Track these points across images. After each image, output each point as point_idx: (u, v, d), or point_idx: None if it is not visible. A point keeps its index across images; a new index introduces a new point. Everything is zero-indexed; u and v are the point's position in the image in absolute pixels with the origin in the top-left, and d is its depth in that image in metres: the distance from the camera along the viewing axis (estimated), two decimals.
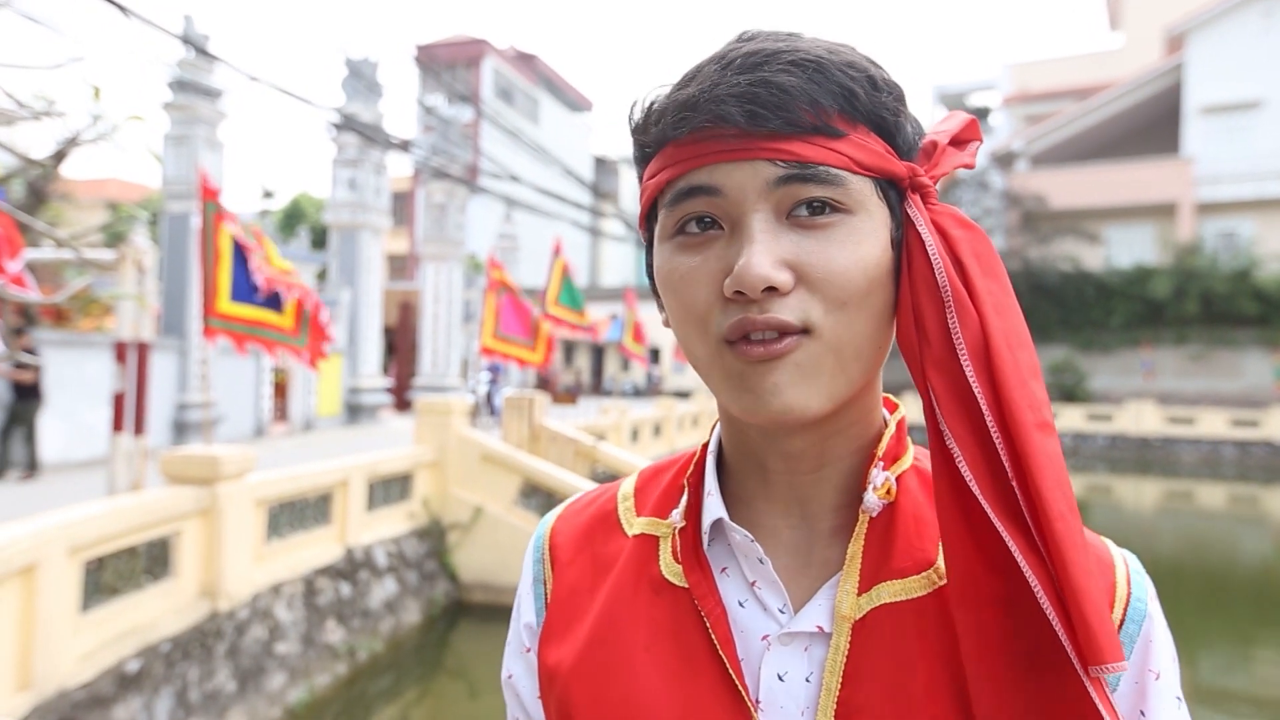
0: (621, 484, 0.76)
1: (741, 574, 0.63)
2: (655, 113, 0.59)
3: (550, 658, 0.67)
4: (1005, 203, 27.41)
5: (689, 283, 0.58)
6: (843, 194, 0.55)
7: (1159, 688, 0.57)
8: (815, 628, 0.59)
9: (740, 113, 0.54)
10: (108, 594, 4.72)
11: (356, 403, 17.51)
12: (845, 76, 0.55)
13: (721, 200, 0.56)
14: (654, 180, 0.60)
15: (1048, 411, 0.54)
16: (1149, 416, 23.55)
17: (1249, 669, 7.79)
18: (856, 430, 0.63)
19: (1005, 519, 0.52)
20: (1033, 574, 0.51)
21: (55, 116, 3.47)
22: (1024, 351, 0.55)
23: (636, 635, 0.64)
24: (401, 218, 32.84)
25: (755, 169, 0.55)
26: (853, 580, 0.60)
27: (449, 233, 19.73)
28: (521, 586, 0.74)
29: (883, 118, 0.57)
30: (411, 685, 6.78)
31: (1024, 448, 0.51)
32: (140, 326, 6.40)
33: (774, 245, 0.55)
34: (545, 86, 39.31)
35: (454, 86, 27.39)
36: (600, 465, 9.54)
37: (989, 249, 0.57)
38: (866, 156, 0.56)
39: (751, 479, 0.65)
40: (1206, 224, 26.82)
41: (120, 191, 31.82)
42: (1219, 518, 16.36)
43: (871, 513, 0.61)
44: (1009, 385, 0.53)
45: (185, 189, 12.93)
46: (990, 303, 0.55)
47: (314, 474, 6.71)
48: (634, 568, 0.67)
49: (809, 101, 0.54)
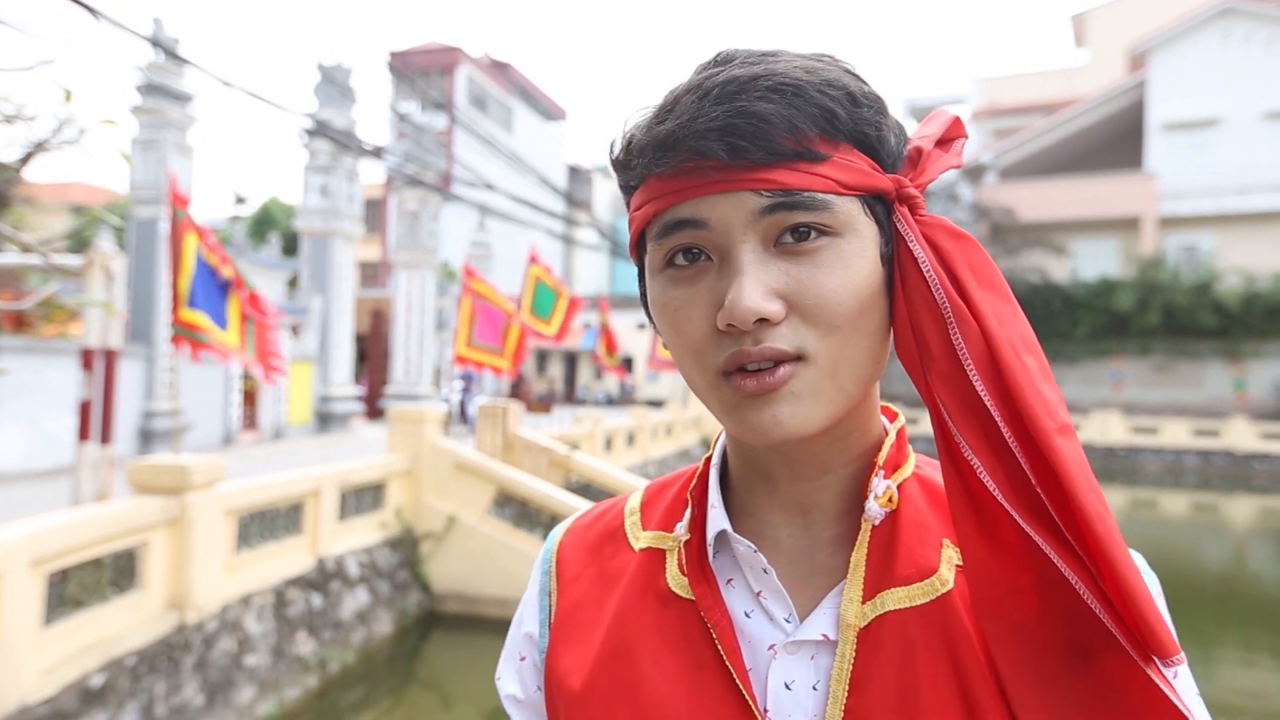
0: (629, 499, 0.77)
1: (747, 584, 0.64)
2: (635, 148, 0.59)
3: (559, 670, 0.67)
4: (974, 215, 27.81)
5: (682, 317, 0.58)
6: (829, 217, 0.55)
7: (1180, 685, 0.57)
8: (820, 636, 0.60)
9: (721, 146, 0.54)
10: (72, 607, 4.62)
11: (327, 411, 17.32)
12: (825, 97, 0.55)
13: (708, 233, 0.56)
14: (639, 213, 0.60)
15: (1064, 413, 0.53)
16: (1114, 426, 23.98)
17: (1210, 673, 7.95)
18: (856, 438, 0.64)
19: (1035, 525, 0.52)
20: (1071, 571, 0.51)
21: (24, 120, 3.41)
22: (1032, 356, 0.55)
23: (645, 648, 0.64)
24: (374, 225, 32.59)
25: (740, 200, 0.55)
26: (856, 588, 0.60)
27: (422, 240, 19.62)
28: (526, 596, 0.75)
29: (865, 133, 0.57)
30: (383, 697, 6.71)
31: (1050, 455, 0.51)
32: (107, 333, 6.30)
33: (763, 275, 0.55)
34: (519, 95, 39.29)
35: (428, 93, 27.27)
36: (574, 474, 9.52)
37: (983, 258, 0.57)
38: (850, 176, 0.56)
39: (756, 489, 0.66)
40: (1169, 238, 27.42)
41: (86, 195, 31.28)
42: (1182, 525, 16.68)
43: (874, 521, 0.62)
44: (1024, 394, 0.52)
45: (154, 194, 12.75)
46: (991, 313, 0.55)
47: (285, 483, 6.63)
48: (641, 581, 0.68)
49: (789, 128, 0.54)
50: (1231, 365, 24.96)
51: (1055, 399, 0.54)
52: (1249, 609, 10.61)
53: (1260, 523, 16.99)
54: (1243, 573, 13.00)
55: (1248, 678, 8.13)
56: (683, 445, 18.25)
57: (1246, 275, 24.81)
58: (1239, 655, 8.74)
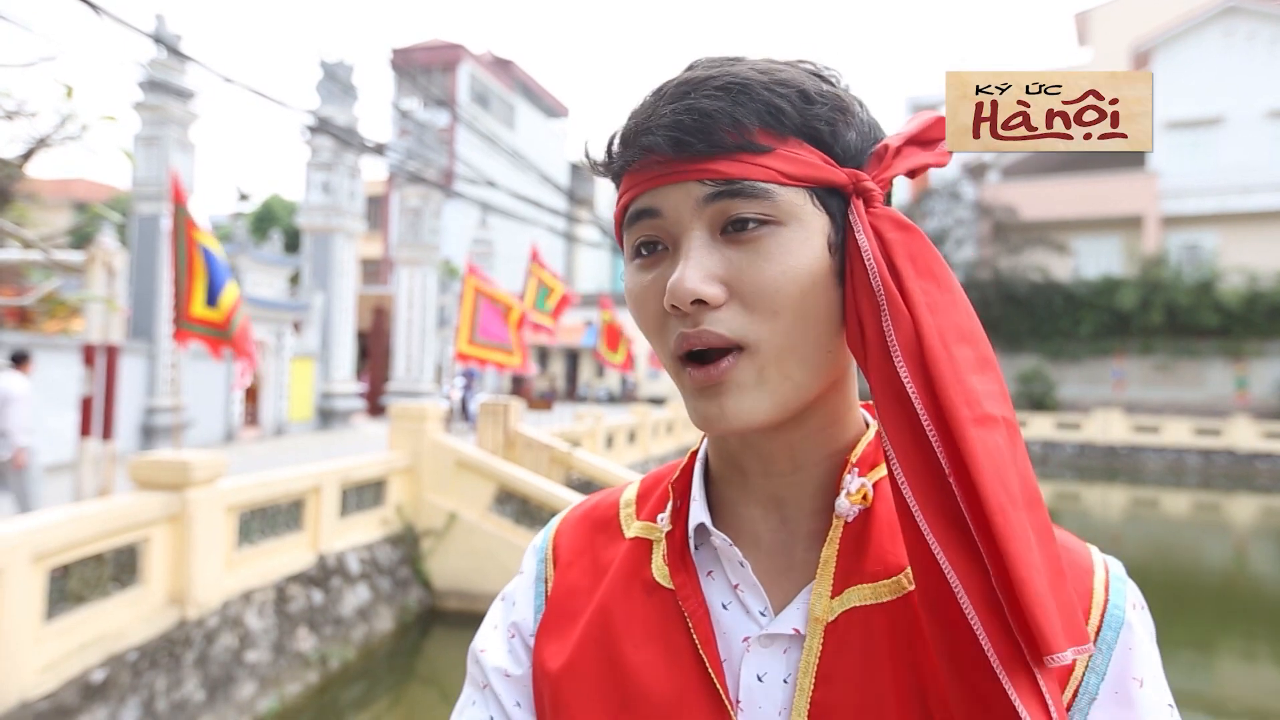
0: (625, 490, 0.79)
1: (725, 577, 0.65)
2: (611, 147, 0.64)
3: (545, 654, 0.69)
4: (977, 213, 27.79)
5: (643, 300, 0.62)
6: (771, 207, 0.57)
7: (1145, 695, 0.57)
8: (793, 630, 0.61)
9: (666, 141, 0.57)
10: (73, 602, 4.63)
11: (329, 408, 17.34)
12: (771, 94, 0.57)
13: (662, 221, 0.60)
14: (617, 206, 0.65)
15: (993, 404, 0.53)
16: (1116, 425, 23.97)
17: (1211, 672, 7.95)
18: (830, 433, 0.65)
19: (936, 518, 0.52)
20: (953, 571, 0.51)
21: (26, 116, 3.42)
22: (963, 347, 0.55)
23: (628, 635, 0.66)
24: (376, 222, 32.61)
25: (686, 190, 0.58)
26: (826, 583, 0.61)
27: (424, 237, 19.62)
28: (521, 581, 0.76)
29: (816, 129, 0.58)
30: (383, 693, 6.72)
31: (961, 444, 0.51)
32: (109, 329, 6.31)
33: (706, 260, 0.58)
34: (522, 92, 39.27)
35: (430, 91, 27.27)
36: (575, 472, 9.53)
37: (925, 249, 0.58)
38: (796, 168, 0.57)
39: (733, 483, 0.67)
40: (1171, 236, 27.40)
41: (87, 191, 31.30)
42: (1183, 525, 16.68)
43: (846, 517, 0.63)
44: (944, 382, 0.53)
45: (155, 190, 12.75)
46: (924, 302, 0.55)
47: (286, 480, 6.64)
48: (628, 570, 0.69)
49: (730, 122, 0.56)
50: (1234, 364, 24.94)
51: (985, 390, 0.54)
52: (1251, 608, 10.60)
53: (1262, 522, 16.99)
54: (1244, 572, 13.00)
55: (1250, 677, 8.13)
56: (684, 443, 18.26)
57: (1249, 274, 24.79)
58: (1241, 655, 8.73)
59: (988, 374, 0.55)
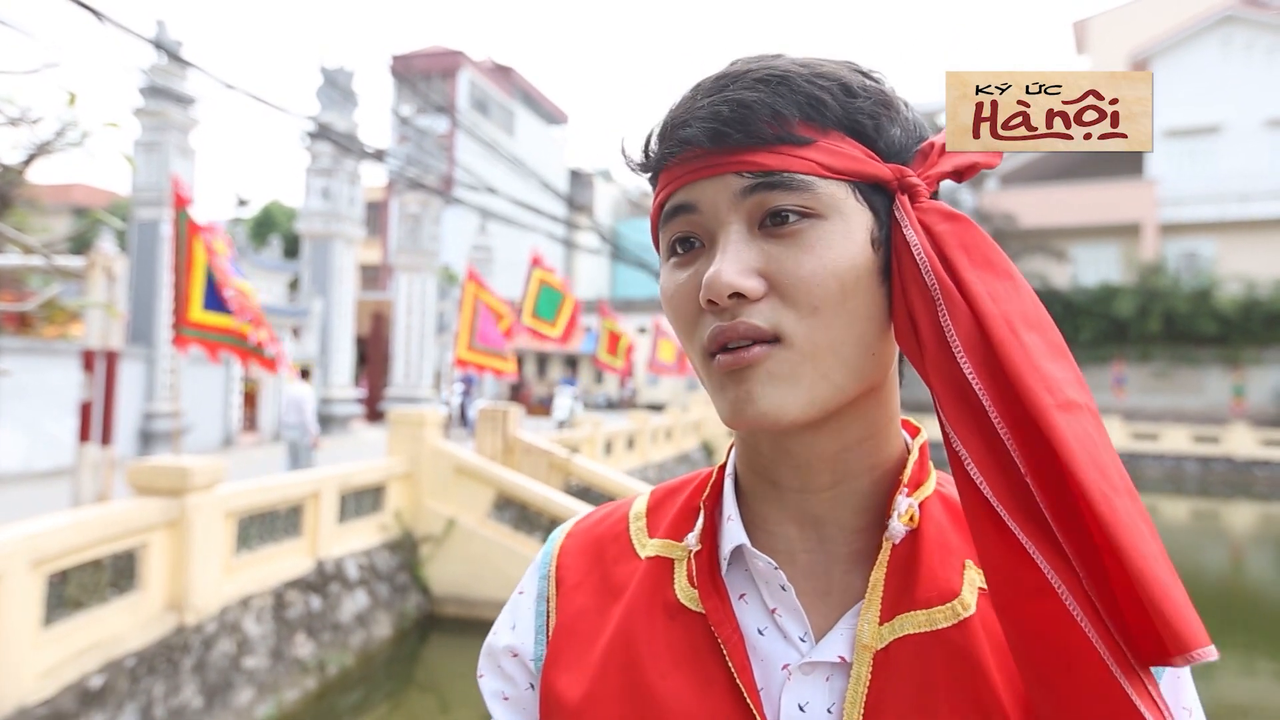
0: (633, 503, 0.74)
1: (761, 600, 0.61)
2: (648, 144, 0.62)
3: (559, 684, 0.64)
4: (976, 220, 27.77)
5: (678, 298, 0.59)
6: (811, 199, 0.55)
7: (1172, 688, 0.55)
8: (837, 658, 0.58)
9: (703, 133, 0.56)
10: (71, 608, 4.62)
11: (328, 413, 17.32)
12: (813, 86, 0.56)
13: (699, 216, 0.58)
14: (654, 204, 0.63)
15: (1074, 390, 0.50)
16: (1115, 432, 23.96)
17: (1210, 681, 7.93)
18: (869, 447, 0.61)
19: (1021, 516, 0.50)
20: (1053, 570, 0.48)
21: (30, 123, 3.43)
22: (1035, 333, 0.52)
23: (652, 662, 0.62)
24: (375, 228, 32.64)
25: (724, 182, 0.56)
26: (874, 609, 0.58)
27: (423, 243, 19.64)
28: (521, 601, 0.71)
29: (859, 122, 0.57)
30: (382, 699, 6.70)
31: (1049, 433, 0.48)
32: (109, 334, 6.31)
33: (744, 253, 0.56)
34: (521, 99, 39.36)
35: (430, 97, 27.32)
36: (574, 478, 9.52)
37: (979, 238, 0.55)
38: (837, 160, 0.56)
39: (766, 500, 0.64)
40: (1170, 244, 27.46)
41: (87, 197, 31.32)
42: (1182, 532, 16.67)
43: (895, 540, 0.60)
44: (1019, 371, 0.50)
45: (155, 196, 12.77)
46: (984, 291, 0.53)
47: (285, 485, 6.63)
48: (648, 591, 0.65)
49: (770, 114, 0.55)
50: (1231, 372, 24.96)
51: (1063, 376, 0.51)
52: (1250, 616, 10.59)
53: (1261, 529, 16.98)
54: (1243, 580, 12.99)
55: (1248, 686, 8.12)
56: (682, 449, 18.24)
57: (1247, 282, 24.84)
58: (1240, 662, 8.72)
59: (1062, 360, 0.52)
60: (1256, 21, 26.59)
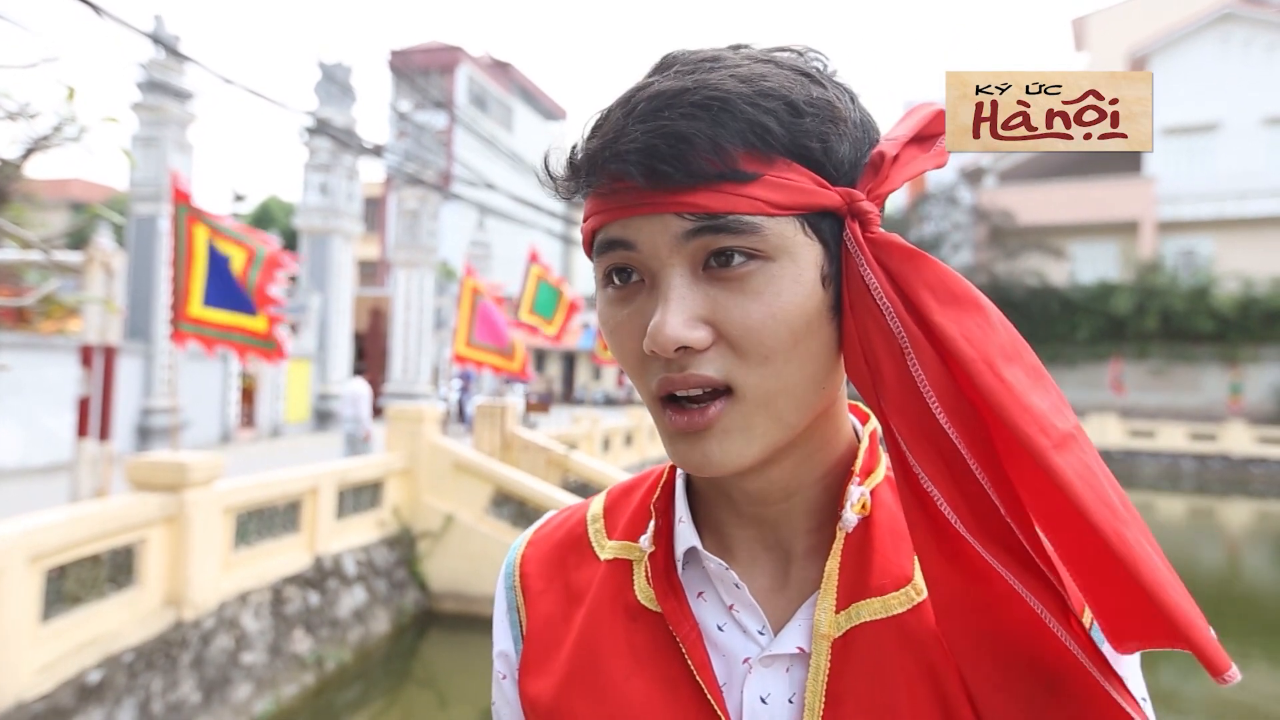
0: (591, 504, 0.74)
1: (719, 598, 0.62)
2: (575, 163, 0.57)
3: (531, 690, 0.66)
4: (973, 218, 27.84)
5: (620, 336, 0.57)
6: (758, 240, 0.52)
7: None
8: (796, 649, 0.58)
9: (639, 170, 0.51)
10: (69, 603, 4.62)
11: (325, 409, 17.32)
12: (756, 110, 0.51)
13: (636, 254, 0.54)
14: (584, 227, 0.59)
15: (1061, 418, 0.50)
16: (1112, 430, 23.99)
17: (1204, 676, 7.97)
18: (822, 455, 0.62)
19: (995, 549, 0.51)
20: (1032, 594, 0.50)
21: (28, 118, 3.42)
22: (1015, 365, 0.51)
23: (616, 663, 0.62)
24: (373, 223, 32.58)
25: (664, 223, 0.52)
26: (830, 598, 0.58)
27: (421, 239, 19.62)
28: (496, 613, 0.72)
29: (806, 146, 0.53)
30: (380, 695, 6.71)
31: (1055, 478, 0.47)
32: (107, 330, 6.30)
33: (688, 301, 0.53)
34: (520, 94, 39.30)
35: (428, 93, 27.27)
36: (572, 474, 9.53)
37: (942, 273, 0.53)
38: (785, 195, 0.52)
39: (720, 506, 0.64)
40: (1167, 242, 27.47)
41: (85, 192, 31.26)
42: (1178, 529, 16.70)
43: (848, 529, 0.60)
44: (1010, 414, 0.49)
45: (153, 191, 12.75)
46: (957, 333, 0.51)
47: (283, 481, 6.63)
48: (609, 594, 0.66)
49: (711, 148, 0.50)
50: (1229, 370, 25.00)
51: (1049, 405, 0.50)
52: (1245, 613, 10.62)
53: (1257, 527, 17.03)
54: (1239, 577, 13.03)
55: (1242, 681, 8.14)
56: None
57: (1244, 280, 24.87)
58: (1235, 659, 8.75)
59: (1042, 384, 0.51)
60: (1255, 19, 26.58)
